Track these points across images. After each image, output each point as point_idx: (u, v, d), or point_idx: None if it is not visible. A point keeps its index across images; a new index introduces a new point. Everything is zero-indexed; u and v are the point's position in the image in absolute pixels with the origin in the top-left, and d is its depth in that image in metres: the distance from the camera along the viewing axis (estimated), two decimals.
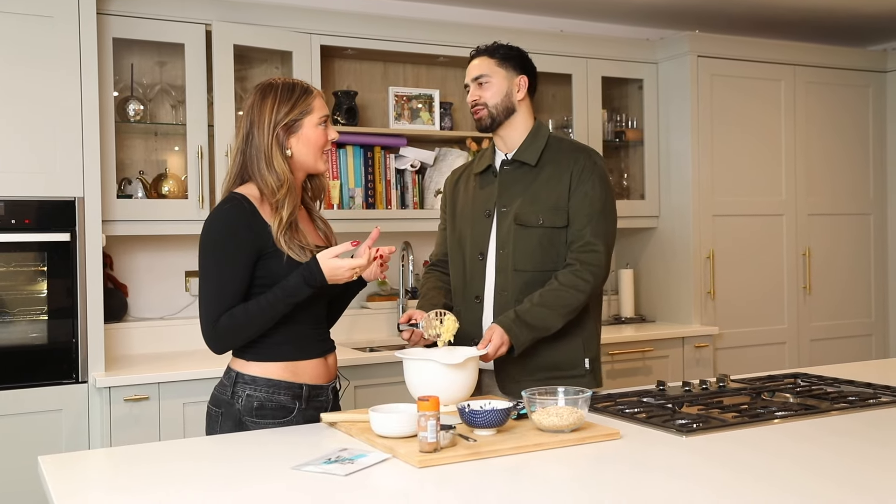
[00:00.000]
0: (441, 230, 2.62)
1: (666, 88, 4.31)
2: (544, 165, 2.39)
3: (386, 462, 1.69)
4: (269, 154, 2.06)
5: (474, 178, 2.50)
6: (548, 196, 2.35)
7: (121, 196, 3.32)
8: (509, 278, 2.36)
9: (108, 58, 3.21)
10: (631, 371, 3.89)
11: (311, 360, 2.11)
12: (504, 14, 4.32)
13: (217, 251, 2.02)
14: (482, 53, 2.43)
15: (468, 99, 2.43)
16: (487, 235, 2.40)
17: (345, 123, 3.76)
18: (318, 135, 2.11)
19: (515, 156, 2.41)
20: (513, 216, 2.36)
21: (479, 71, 2.40)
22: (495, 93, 2.38)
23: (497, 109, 2.39)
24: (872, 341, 4.76)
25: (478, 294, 2.41)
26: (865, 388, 2.37)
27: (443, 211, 2.62)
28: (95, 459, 1.93)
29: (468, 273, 2.44)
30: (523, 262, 2.35)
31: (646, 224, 4.35)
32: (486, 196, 2.44)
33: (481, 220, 2.42)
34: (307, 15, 3.58)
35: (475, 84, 2.41)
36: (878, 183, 4.79)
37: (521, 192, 2.38)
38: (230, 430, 2.05)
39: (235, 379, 2.07)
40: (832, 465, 1.67)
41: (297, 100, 2.09)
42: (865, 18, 4.60)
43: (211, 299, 2.01)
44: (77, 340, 2.99)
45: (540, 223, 2.34)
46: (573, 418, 1.83)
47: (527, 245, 2.35)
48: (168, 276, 3.65)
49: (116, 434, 2.91)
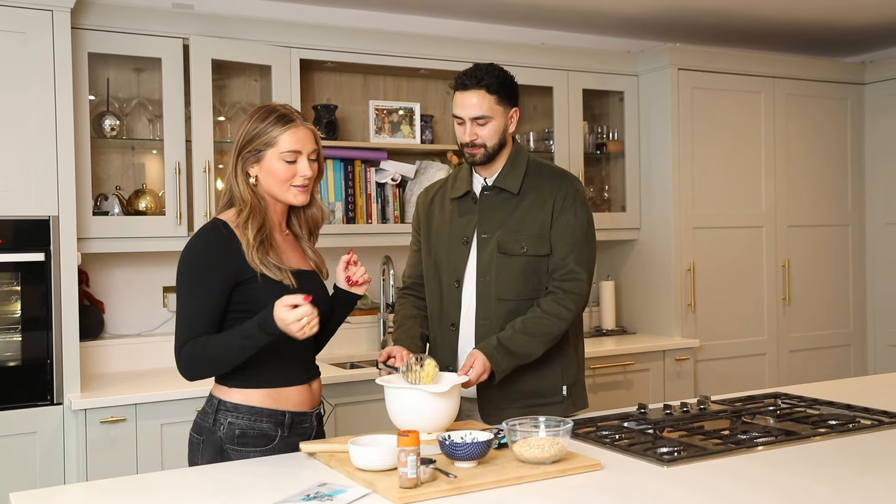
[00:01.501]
0: (414, 251, 2.55)
1: (647, 101, 4.32)
2: (526, 192, 2.35)
3: (366, 498, 1.67)
4: (234, 176, 2.08)
5: (451, 203, 2.44)
6: (531, 224, 2.32)
7: (97, 213, 3.27)
8: (492, 307, 2.32)
9: (84, 72, 3.16)
10: (612, 385, 3.89)
11: (294, 386, 2.08)
12: (485, 26, 4.31)
13: (190, 278, 2.01)
14: (476, 86, 2.29)
15: (464, 136, 2.31)
16: (464, 262, 2.36)
17: (325, 137, 3.72)
18: (280, 168, 2.04)
19: (496, 182, 2.37)
20: (495, 244, 2.32)
21: (478, 111, 2.29)
22: (493, 133, 2.31)
23: (493, 149, 2.33)
24: (851, 351, 4.79)
25: (454, 322, 2.38)
26: (845, 411, 2.38)
27: (415, 232, 2.54)
28: (70, 496, 1.89)
29: (444, 300, 2.40)
30: (507, 291, 2.32)
31: (627, 236, 4.35)
32: (464, 222, 2.39)
33: (458, 247, 2.37)
34: (286, 29, 3.55)
35: (472, 122, 2.30)
36: (857, 194, 4.82)
37: (504, 219, 2.34)
38: (211, 458, 2.02)
39: (217, 406, 2.03)
40: (813, 494, 1.66)
41: (262, 129, 2.05)
42: (843, 31, 4.63)
43: (180, 325, 2.00)
44: (52, 361, 2.94)
45: (524, 251, 2.31)
46: (554, 450, 1.81)
47: (510, 273, 2.32)
48: (145, 292, 3.60)
49: (92, 457, 2.86)
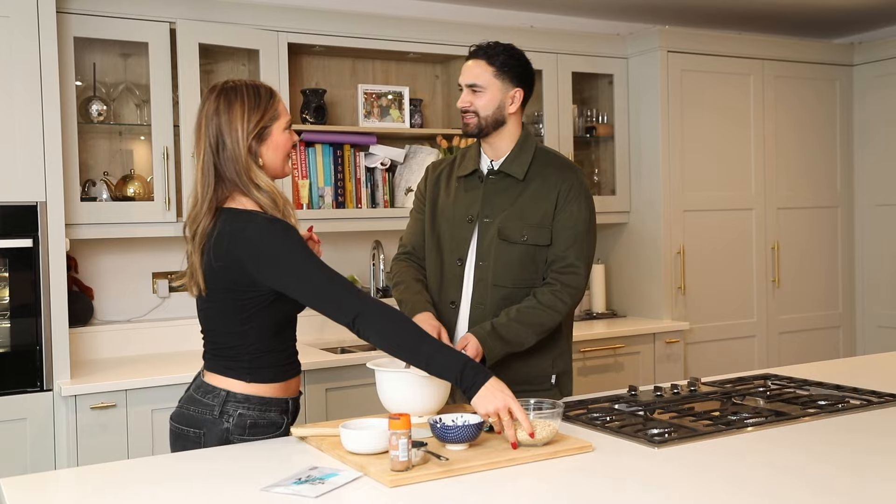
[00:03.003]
0: (417, 219, 2.52)
1: (636, 83, 4.31)
2: (531, 180, 2.36)
3: (357, 481, 1.67)
4: (247, 168, 1.95)
5: (457, 180, 2.44)
6: (533, 213, 2.33)
7: (85, 198, 3.25)
8: (488, 292, 2.34)
9: (70, 57, 3.13)
10: (603, 368, 3.90)
11: (297, 375, 2.11)
12: (474, 9, 4.28)
13: (306, 251, 1.93)
14: (481, 56, 2.32)
15: (459, 102, 2.35)
16: (468, 242, 2.38)
17: (313, 122, 3.71)
18: (285, 139, 2.03)
19: (502, 167, 2.38)
20: (496, 229, 2.33)
21: (474, 78, 2.31)
22: (487, 104, 2.32)
23: (486, 121, 2.33)
24: (840, 333, 4.82)
25: (453, 300, 2.39)
26: (834, 391, 2.39)
27: (419, 201, 2.53)
28: (61, 481, 1.89)
29: (445, 277, 2.41)
30: (503, 278, 2.33)
31: (617, 219, 4.35)
32: (469, 201, 2.39)
33: (462, 225, 2.39)
34: (274, 12, 3.52)
35: (468, 89, 2.33)
36: (846, 176, 4.83)
37: (507, 205, 2.35)
38: None
39: (226, 398, 2.00)
40: (804, 474, 1.68)
41: (266, 105, 2.00)
42: (832, 12, 4.62)
43: (341, 281, 1.92)
44: (41, 347, 2.93)
45: (524, 240, 2.32)
46: (546, 432, 1.82)
47: (508, 260, 2.33)
48: (135, 278, 3.59)
49: (83, 443, 2.86)
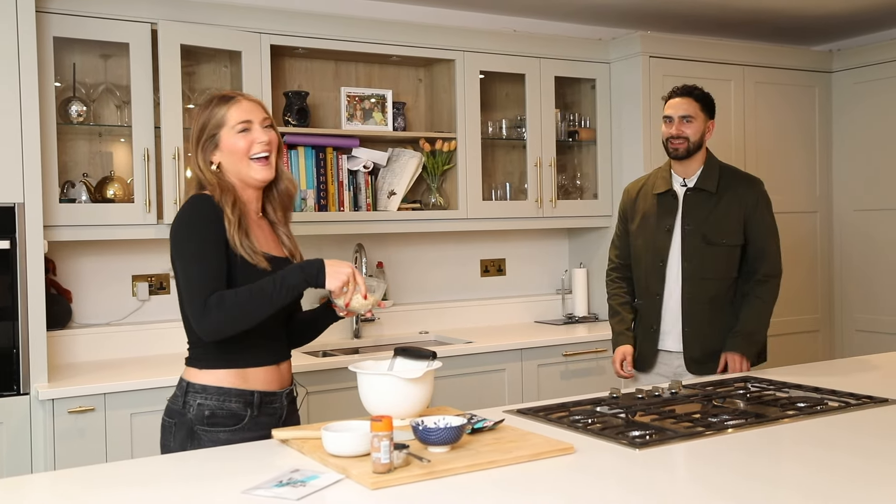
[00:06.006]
0: (618, 236, 3.17)
1: (618, 88, 4.33)
2: (723, 193, 2.96)
3: (339, 484, 1.67)
4: (198, 169, 2.13)
5: (653, 197, 3.03)
6: (728, 220, 2.93)
7: (64, 200, 3.22)
8: (696, 286, 2.92)
9: (49, 57, 3.10)
10: (585, 371, 3.91)
11: (262, 367, 2.10)
12: (457, 13, 4.29)
13: (196, 237, 2.01)
14: (685, 94, 2.96)
15: (671, 131, 2.93)
16: (668, 246, 2.97)
17: (296, 124, 3.69)
18: (236, 142, 2.10)
19: (698, 184, 2.97)
20: (700, 235, 2.93)
21: (685, 111, 2.93)
22: (696, 131, 2.94)
23: (694, 145, 2.94)
24: (819, 337, 4.86)
25: (658, 292, 2.99)
26: (813, 393, 2.41)
27: (621, 222, 3.16)
28: (38, 485, 1.87)
29: (650, 275, 3.01)
30: (709, 272, 2.92)
31: (599, 223, 4.36)
32: (666, 214, 2.98)
33: (662, 234, 2.98)
34: (256, 14, 3.51)
35: (680, 120, 2.93)
36: (824, 181, 4.88)
37: (705, 215, 2.94)
38: (182, 440, 2.05)
39: (186, 389, 2.07)
40: (782, 475, 1.69)
41: (211, 114, 2.12)
42: (811, 19, 4.67)
43: (196, 283, 1.97)
44: (18, 350, 2.89)
45: (724, 242, 2.92)
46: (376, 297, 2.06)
47: (712, 258, 2.92)
48: (114, 281, 3.56)
49: (60, 448, 2.82)
